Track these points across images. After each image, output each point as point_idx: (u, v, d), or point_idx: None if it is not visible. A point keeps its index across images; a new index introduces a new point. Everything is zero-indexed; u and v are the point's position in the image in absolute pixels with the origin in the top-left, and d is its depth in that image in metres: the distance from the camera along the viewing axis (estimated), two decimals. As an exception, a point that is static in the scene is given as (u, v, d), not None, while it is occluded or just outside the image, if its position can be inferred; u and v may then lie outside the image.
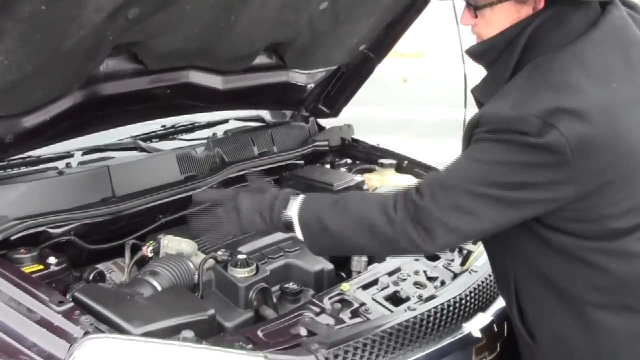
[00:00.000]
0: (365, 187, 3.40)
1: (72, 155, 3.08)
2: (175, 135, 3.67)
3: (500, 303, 2.46)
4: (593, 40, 1.93)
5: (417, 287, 2.51)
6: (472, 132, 1.96)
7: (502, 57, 2.00)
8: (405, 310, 2.34)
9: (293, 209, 2.13)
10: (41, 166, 2.90)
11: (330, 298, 2.35)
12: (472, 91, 2.13)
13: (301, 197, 2.18)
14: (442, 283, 2.57)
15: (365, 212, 2.05)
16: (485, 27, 2.04)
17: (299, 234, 2.14)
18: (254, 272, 2.47)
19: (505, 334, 2.48)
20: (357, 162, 3.85)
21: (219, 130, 3.73)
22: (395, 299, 2.45)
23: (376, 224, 2.00)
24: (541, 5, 1.95)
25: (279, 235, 2.82)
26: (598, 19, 1.96)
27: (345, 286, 2.42)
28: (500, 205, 1.89)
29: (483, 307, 2.50)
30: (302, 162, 3.69)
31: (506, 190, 1.87)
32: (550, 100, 1.83)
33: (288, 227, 2.16)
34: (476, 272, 2.63)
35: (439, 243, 1.95)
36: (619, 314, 1.99)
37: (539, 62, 1.93)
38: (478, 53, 2.09)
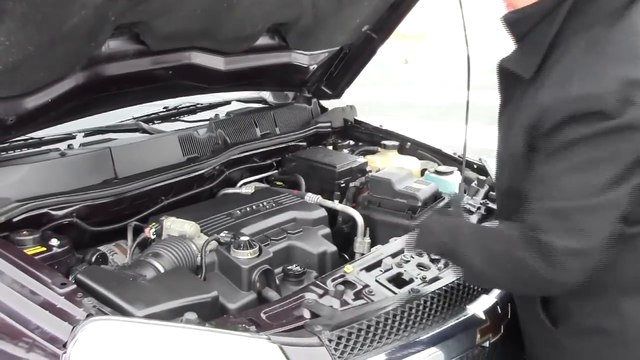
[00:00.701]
0: (368, 168, 3.39)
1: (74, 137, 3.08)
2: (178, 117, 3.68)
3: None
4: (638, 12, 1.88)
5: (421, 269, 2.50)
6: (537, 132, 1.87)
7: (540, 26, 1.93)
8: (409, 292, 2.33)
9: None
10: (43, 148, 2.89)
11: (333, 280, 2.34)
12: (503, 63, 2.05)
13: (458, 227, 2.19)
14: (446, 265, 2.56)
15: (501, 260, 1.98)
16: None
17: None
18: (257, 254, 2.46)
19: (509, 316, 2.47)
20: (360, 143, 3.85)
21: (222, 112, 3.73)
22: (399, 281, 2.44)
23: (514, 273, 1.94)
24: None
25: (282, 217, 2.82)
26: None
27: (348, 268, 2.41)
28: (615, 205, 1.82)
29: (487, 289, 2.49)
30: (304, 143, 3.69)
31: (616, 187, 1.79)
32: (622, 72, 1.77)
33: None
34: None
35: (577, 273, 1.85)
36: None
37: (595, 34, 1.85)
38: (515, 21, 1.99)
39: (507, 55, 2.05)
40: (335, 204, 3.04)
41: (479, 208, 3.00)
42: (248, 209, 2.86)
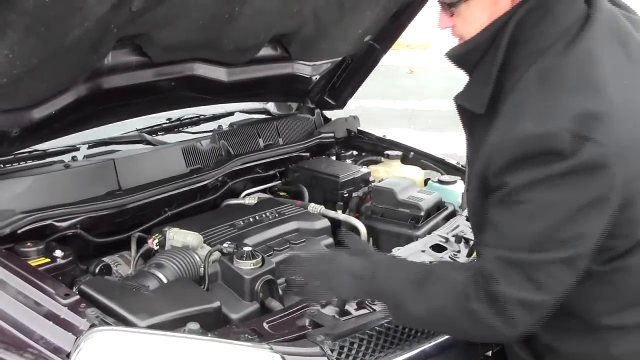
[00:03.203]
0: (371, 178, 3.39)
1: (78, 149, 3.10)
2: (181, 128, 3.69)
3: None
4: (593, 36, 1.74)
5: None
6: (487, 173, 1.74)
7: (486, 58, 1.80)
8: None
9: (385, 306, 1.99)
10: (47, 159, 2.91)
11: (336, 290, 2.34)
12: (456, 99, 1.89)
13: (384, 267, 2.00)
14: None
15: (441, 299, 1.83)
16: (464, 26, 1.85)
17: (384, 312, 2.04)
18: (260, 264, 2.46)
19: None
20: (363, 153, 3.85)
21: (225, 123, 3.74)
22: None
23: (456, 321, 1.81)
24: None
25: (285, 228, 2.83)
26: (588, 14, 1.77)
27: (351, 278, 2.41)
28: (576, 256, 1.68)
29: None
30: (307, 154, 3.69)
31: (576, 237, 1.66)
32: (576, 105, 1.63)
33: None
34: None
35: (525, 326, 1.74)
36: (637, 333, 1.84)
37: (545, 66, 1.71)
38: (460, 56, 1.88)
39: (461, 90, 1.90)
40: (338, 214, 3.04)
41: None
42: (251, 219, 2.87)
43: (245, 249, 2.49)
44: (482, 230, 1.82)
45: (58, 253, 2.40)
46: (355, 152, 3.88)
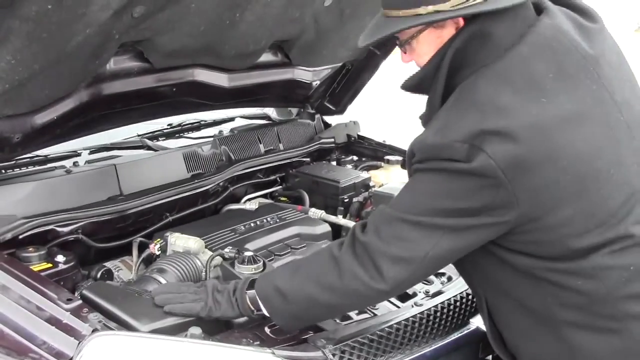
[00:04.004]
0: (371, 183, 3.40)
1: (79, 154, 3.10)
2: (182, 134, 3.69)
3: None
4: (520, 54, 1.86)
5: (424, 283, 2.51)
6: (411, 162, 1.95)
7: (433, 84, 1.95)
8: (412, 306, 2.34)
9: (255, 286, 2.10)
10: (49, 165, 2.91)
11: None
12: (420, 118, 2.07)
13: (263, 274, 2.20)
14: (449, 279, 2.57)
15: (313, 264, 2.04)
16: (419, 59, 2.01)
17: (263, 310, 2.08)
18: (261, 269, 2.47)
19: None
20: (364, 159, 3.85)
21: (225, 128, 3.74)
22: (402, 295, 2.44)
23: (324, 273, 1.97)
24: (461, 24, 1.91)
25: (286, 233, 2.83)
26: (527, 32, 1.89)
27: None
28: (440, 231, 1.86)
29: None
30: (308, 159, 3.70)
31: (444, 217, 1.85)
32: (474, 123, 1.78)
33: (255, 306, 2.10)
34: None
35: (389, 277, 1.89)
36: (598, 333, 1.90)
37: (465, 84, 1.87)
38: (413, 86, 2.04)
39: (420, 115, 2.07)
40: (339, 219, 3.04)
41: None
42: (252, 224, 2.88)
43: (247, 253, 2.49)
44: None
45: (60, 258, 2.41)
46: (355, 157, 3.88)
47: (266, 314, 2.08)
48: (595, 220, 1.85)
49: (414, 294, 2.45)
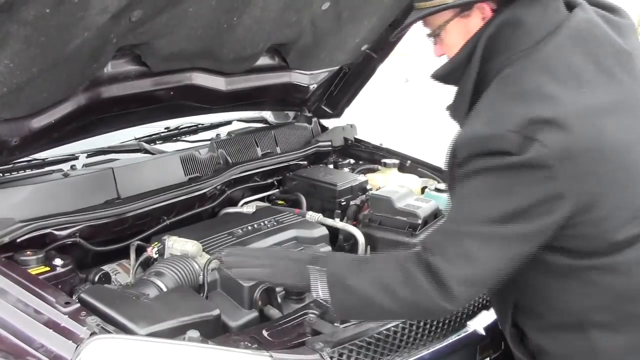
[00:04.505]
0: (368, 186, 3.41)
1: (77, 158, 3.11)
2: (179, 137, 3.69)
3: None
4: (557, 45, 1.87)
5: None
6: (454, 162, 1.90)
7: (465, 73, 1.96)
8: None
9: (327, 271, 2.03)
10: (46, 168, 2.92)
11: (334, 297, 2.35)
12: (447, 109, 2.09)
13: (326, 254, 2.19)
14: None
15: (380, 267, 1.98)
16: (450, 51, 2.04)
17: (320, 292, 2.02)
18: (259, 271, 2.47)
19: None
20: (361, 162, 3.86)
21: (223, 132, 3.75)
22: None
23: (389, 277, 1.91)
24: (488, 13, 1.94)
25: (283, 236, 2.84)
26: (562, 23, 1.90)
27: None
28: (504, 242, 1.81)
29: (487, 305, 2.49)
30: (305, 162, 3.71)
31: (504, 223, 1.79)
32: (524, 112, 1.76)
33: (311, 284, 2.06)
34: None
35: (460, 298, 1.83)
36: (621, 332, 1.90)
37: (505, 74, 1.87)
38: (444, 75, 2.06)
39: (450, 102, 2.08)
40: (336, 222, 3.05)
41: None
42: (249, 227, 2.88)
43: (244, 257, 2.49)
44: None
45: (57, 262, 2.41)
46: (352, 161, 3.90)
47: (321, 295, 2.04)
48: (633, 211, 1.85)
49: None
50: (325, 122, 4.06)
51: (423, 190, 3.45)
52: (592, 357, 1.94)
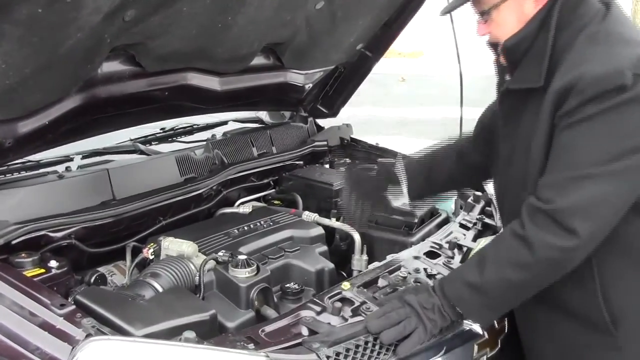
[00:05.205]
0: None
1: (71, 159, 3.10)
2: (175, 138, 3.69)
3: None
4: (617, 18, 2.05)
5: (418, 285, 2.51)
6: (562, 102, 1.97)
7: (536, 43, 2.07)
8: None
9: (445, 291, 2.14)
10: (41, 170, 2.90)
11: (331, 297, 2.34)
12: (510, 85, 2.17)
13: (446, 278, 2.23)
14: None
15: (500, 250, 2.09)
16: (498, 29, 2.14)
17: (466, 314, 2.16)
18: (255, 272, 2.47)
19: (506, 330, 2.48)
20: (356, 161, 3.86)
21: (218, 132, 3.74)
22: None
23: (514, 253, 2.02)
24: None
25: (279, 236, 2.83)
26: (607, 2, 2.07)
27: (346, 285, 2.42)
28: (623, 177, 1.93)
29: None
30: (301, 162, 3.71)
31: (622, 159, 1.91)
32: (632, 53, 1.93)
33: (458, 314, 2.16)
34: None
35: (584, 234, 1.93)
36: None
37: (591, 30, 2.01)
38: (514, 45, 2.12)
39: (511, 79, 2.18)
40: (333, 222, 3.04)
41: (475, 224, 3.01)
42: (246, 228, 2.88)
43: (240, 257, 2.49)
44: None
45: (53, 263, 2.40)
46: (348, 160, 3.89)
47: (469, 317, 2.19)
48: None
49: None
50: (321, 121, 4.06)
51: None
52: None
